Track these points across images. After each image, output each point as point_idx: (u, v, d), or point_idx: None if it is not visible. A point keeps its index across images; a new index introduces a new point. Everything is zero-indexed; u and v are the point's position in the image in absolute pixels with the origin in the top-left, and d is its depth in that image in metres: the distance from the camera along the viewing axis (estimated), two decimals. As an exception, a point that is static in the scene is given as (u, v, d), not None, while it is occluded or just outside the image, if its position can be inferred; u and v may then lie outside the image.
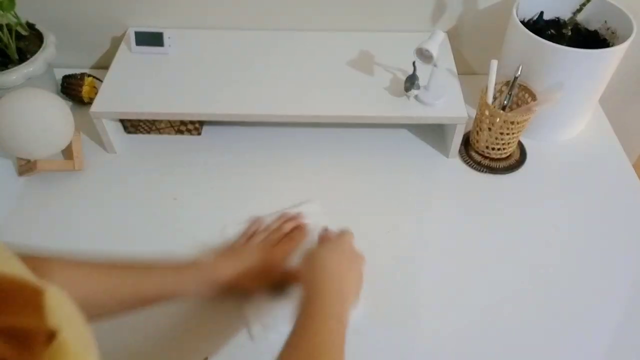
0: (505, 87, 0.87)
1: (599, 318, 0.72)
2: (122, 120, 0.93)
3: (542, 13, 0.91)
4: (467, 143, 0.93)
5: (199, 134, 0.95)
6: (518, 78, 0.83)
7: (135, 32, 0.94)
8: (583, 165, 0.92)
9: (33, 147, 0.81)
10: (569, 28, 0.87)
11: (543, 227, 0.83)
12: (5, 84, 0.85)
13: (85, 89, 0.95)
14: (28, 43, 0.92)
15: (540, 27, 0.90)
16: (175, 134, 0.95)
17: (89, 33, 1.01)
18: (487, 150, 0.89)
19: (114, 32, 1.01)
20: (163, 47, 0.94)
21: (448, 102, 0.87)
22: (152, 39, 0.94)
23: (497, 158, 0.90)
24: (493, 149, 0.89)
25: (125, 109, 0.87)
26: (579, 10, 0.85)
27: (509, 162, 0.91)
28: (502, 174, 0.90)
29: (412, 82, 0.84)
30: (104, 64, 1.02)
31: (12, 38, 0.88)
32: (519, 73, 0.83)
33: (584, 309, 0.73)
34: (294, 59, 0.95)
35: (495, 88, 0.86)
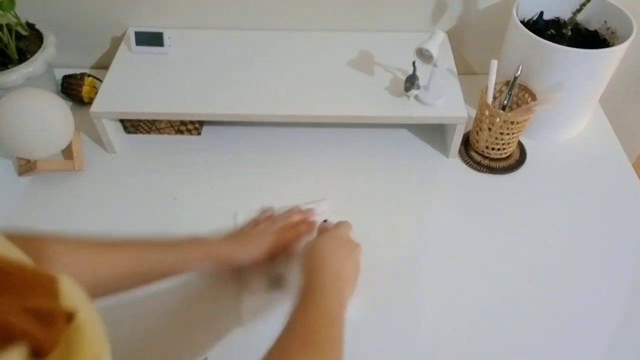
0: (505, 87, 0.87)
1: (599, 318, 0.72)
2: (122, 120, 0.93)
3: (542, 13, 0.91)
4: (467, 143, 0.93)
5: (199, 134, 0.95)
6: (518, 78, 0.84)
7: (135, 32, 0.94)
8: (583, 165, 0.92)
9: (33, 147, 0.81)
10: (569, 28, 0.87)
11: (543, 227, 0.83)
12: (5, 84, 0.85)
13: (85, 89, 0.95)
14: (28, 43, 0.92)
15: (540, 27, 0.90)
16: (175, 134, 0.95)
17: (89, 33, 1.01)
18: (487, 150, 0.89)
19: (114, 32, 1.01)
20: (163, 47, 0.94)
21: (448, 102, 0.87)
22: (152, 39, 0.94)
23: (497, 158, 0.90)
24: (493, 149, 0.89)
25: (125, 109, 0.87)
26: (579, 10, 0.85)
27: (509, 162, 0.91)
28: (502, 174, 0.90)
29: (412, 82, 0.84)
30: (104, 64, 1.02)
31: (12, 38, 0.88)
32: (519, 73, 0.83)
33: (584, 309, 0.73)
34: (294, 59, 0.95)
35: (495, 88, 0.86)
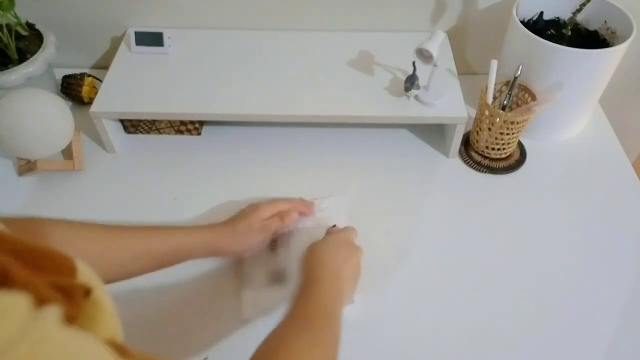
0: (505, 87, 0.87)
1: (599, 317, 0.72)
2: (122, 120, 0.93)
3: (542, 13, 0.91)
4: (467, 143, 0.93)
5: (199, 134, 0.95)
6: (518, 78, 0.84)
7: (135, 32, 0.94)
8: (583, 165, 0.92)
9: (33, 147, 0.81)
10: (569, 28, 0.87)
11: (543, 227, 0.83)
12: (5, 84, 0.85)
13: (85, 89, 0.95)
14: (28, 43, 0.92)
15: (540, 27, 0.90)
16: (175, 134, 0.95)
17: (89, 33, 1.01)
18: (487, 150, 0.89)
19: (114, 32, 1.01)
20: (163, 47, 0.94)
21: (448, 102, 0.87)
22: (152, 39, 0.94)
23: (497, 158, 0.90)
24: (493, 149, 0.89)
25: (125, 109, 0.87)
26: (579, 10, 0.85)
27: (509, 162, 0.91)
28: (502, 174, 0.90)
29: (412, 82, 0.84)
30: (104, 64, 1.02)
31: (12, 38, 0.88)
32: (519, 73, 0.83)
33: (584, 309, 0.73)
34: (294, 59, 0.95)
35: (495, 88, 0.86)
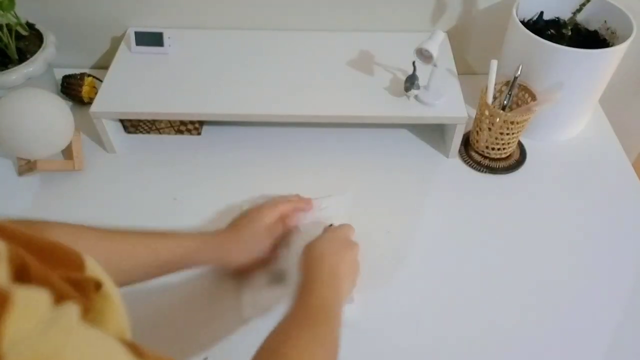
0: (505, 87, 0.87)
1: (599, 317, 0.72)
2: (122, 120, 0.93)
3: (542, 13, 0.91)
4: (467, 143, 0.93)
5: (199, 134, 0.95)
6: (518, 78, 0.83)
7: (135, 32, 0.94)
8: (583, 165, 0.92)
9: (33, 147, 0.81)
10: (569, 28, 0.87)
11: (543, 226, 0.83)
12: (5, 84, 0.85)
13: (85, 89, 0.95)
14: (28, 43, 0.92)
15: (540, 27, 0.90)
16: (175, 134, 0.95)
17: (89, 33, 1.01)
18: (487, 150, 0.89)
19: (114, 32, 1.01)
20: (163, 47, 0.94)
21: (448, 102, 0.86)
22: (152, 39, 0.94)
23: (497, 158, 0.90)
24: (493, 149, 0.89)
25: (125, 109, 0.87)
26: (579, 10, 0.85)
27: (509, 162, 0.91)
28: (502, 174, 0.90)
29: (412, 82, 0.84)
30: (104, 64, 1.02)
31: (12, 38, 0.88)
32: (519, 73, 0.83)
33: (584, 308, 0.73)
34: (294, 59, 0.95)
35: (495, 88, 0.86)
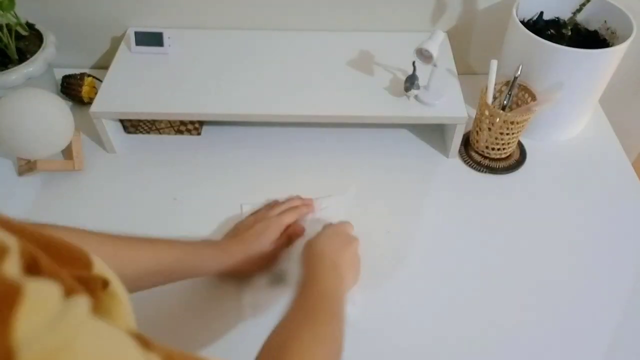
0: (505, 87, 0.87)
1: (599, 317, 0.72)
2: (122, 120, 0.93)
3: (542, 13, 0.91)
4: (467, 143, 0.93)
5: (199, 134, 0.95)
6: (518, 78, 0.83)
7: (135, 32, 0.94)
8: (583, 165, 0.92)
9: (33, 147, 0.81)
10: (569, 28, 0.87)
11: (543, 226, 0.82)
12: (5, 84, 0.85)
13: (85, 89, 0.95)
14: (28, 43, 0.92)
15: (540, 27, 0.90)
16: (175, 134, 0.95)
17: (89, 33, 1.01)
18: (487, 150, 0.89)
19: (114, 32, 1.01)
20: (163, 47, 0.94)
21: (448, 102, 0.86)
22: (152, 39, 0.94)
23: (497, 158, 0.90)
24: (493, 149, 0.89)
25: (125, 109, 0.87)
26: (579, 10, 0.84)
27: (509, 162, 0.91)
28: (502, 174, 0.90)
29: (412, 82, 0.84)
30: (104, 64, 1.01)
31: (12, 38, 0.88)
32: (519, 73, 0.83)
33: (584, 308, 0.73)
34: (294, 59, 0.95)
35: (495, 88, 0.86)
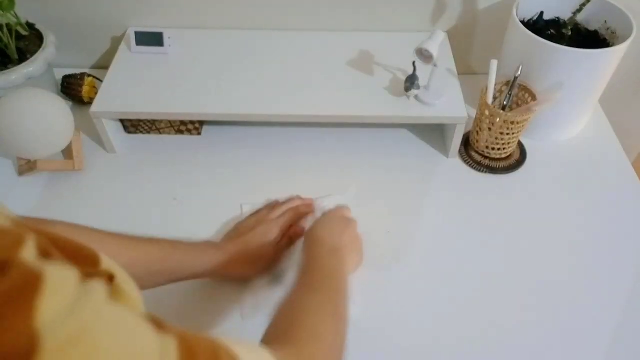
0: (505, 87, 0.87)
1: (599, 317, 0.72)
2: (122, 120, 0.93)
3: (542, 13, 0.91)
4: (467, 143, 0.93)
5: (199, 134, 0.95)
6: (518, 78, 0.84)
7: (135, 32, 0.94)
8: (583, 165, 0.92)
9: (33, 147, 0.81)
10: (569, 28, 0.87)
11: (543, 226, 0.83)
12: (5, 84, 0.85)
13: (85, 89, 0.95)
14: (28, 43, 0.92)
15: (540, 27, 0.90)
16: (175, 134, 0.95)
17: (89, 33, 1.01)
18: (487, 150, 0.89)
19: (114, 32, 1.01)
20: (163, 47, 0.94)
21: (448, 102, 0.86)
22: (152, 39, 0.94)
23: (497, 158, 0.90)
24: (493, 149, 0.89)
25: (125, 109, 0.87)
26: (579, 10, 0.85)
27: (509, 162, 0.91)
28: (502, 174, 0.90)
29: (412, 82, 0.84)
30: (104, 64, 1.01)
31: (12, 38, 0.88)
32: (519, 73, 0.83)
33: (584, 308, 0.73)
34: (294, 59, 0.95)
35: (495, 88, 0.86)
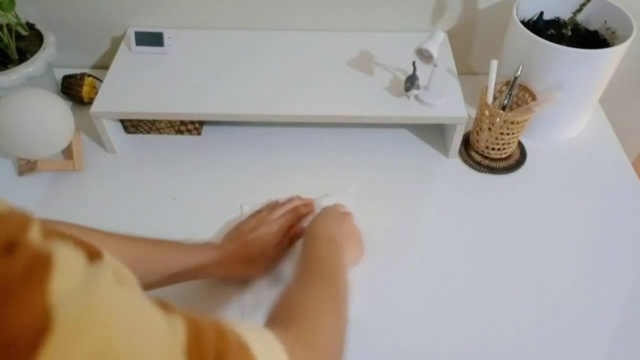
0: (505, 87, 0.87)
1: (599, 317, 0.72)
2: (122, 120, 0.93)
3: (542, 13, 0.91)
4: (467, 143, 0.93)
5: (199, 134, 0.95)
6: (518, 78, 0.84)
7: (135, 32, 0.94)
8: (583, 165, 0.92)
9: (33, 147, 0.81)
10: (569, 28, 0.87)
11: (543, 226, 0.83)
12: (5, 84, 0.85)
13: (85, 89, 0.95)
14: (28, 43, 0.92)
15: (540, 27, 0.90)
16: (175, 134, 0.95)
17: (89, 33, 1.01)
18: (487, 150, 0.89)
19: (114, 32, 1.01)
20: (163, 47, 0.94)
21: (448, 102, 0.86)
22: (152, 39, 0.94)
23: (497, 158, 0.90)
24: (493, 149, 0.89)
25: (125, 109, 0.87)
26: (579, 10, 0.85)
27: (509, 162, 0.91)
28: (502, 174, 0.90)
29: (412, 82, 0.84)
30: (104, 64, 1.01)
31: (12, 38, 0.88)
32: (519, 73, 0.83)
33: (584, 308, 0.73)
34: (294, 59, 0.95)
35: (495, 88, 0.86)
